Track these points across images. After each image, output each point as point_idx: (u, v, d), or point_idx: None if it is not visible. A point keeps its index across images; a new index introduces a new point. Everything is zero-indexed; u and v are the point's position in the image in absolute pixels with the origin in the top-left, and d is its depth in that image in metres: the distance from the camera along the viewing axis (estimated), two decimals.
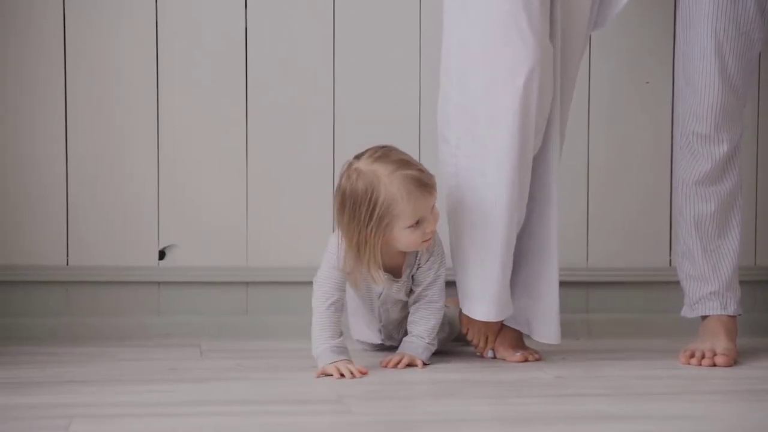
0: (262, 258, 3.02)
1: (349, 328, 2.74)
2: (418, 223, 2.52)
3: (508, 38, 2.57)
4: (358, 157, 2.54)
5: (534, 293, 2.73)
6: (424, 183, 2.52)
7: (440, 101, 2.69)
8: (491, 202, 2.61)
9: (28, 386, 2.36)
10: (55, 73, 2.95)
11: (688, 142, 2.75)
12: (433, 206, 2.55)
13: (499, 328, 2.75)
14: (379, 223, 2.50)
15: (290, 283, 2.98)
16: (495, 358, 2.75)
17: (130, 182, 2.98)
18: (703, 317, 2.80)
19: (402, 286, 2.64)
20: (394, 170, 2.51)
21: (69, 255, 2.97)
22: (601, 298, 3.14)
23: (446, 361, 2.70)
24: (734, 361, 2.69)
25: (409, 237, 2.53)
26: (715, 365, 2.66)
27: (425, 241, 2.56)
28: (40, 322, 2.95)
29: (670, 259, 3.14)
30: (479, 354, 2.77)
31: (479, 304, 2.67)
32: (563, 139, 2.78)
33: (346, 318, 2.70)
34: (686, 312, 2.83)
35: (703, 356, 2.68)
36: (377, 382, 2.45)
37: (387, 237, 2.52)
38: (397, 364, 2.60)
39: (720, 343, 2.71)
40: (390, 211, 2.49)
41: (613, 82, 3.12)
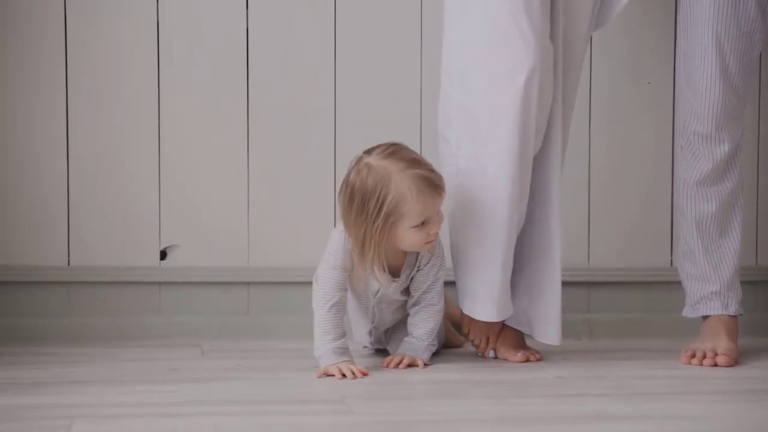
0: (263, 258, 3.02)
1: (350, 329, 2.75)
2: (423, 223, 2.51)
3: (508, 38, 2.57)
4: (369, 153, 2.53)
5: (535, 293, 2.72)
6: (435, 183, 2.51)
7: (441, 101, 2.69)
8: (492, 202, 2.61)
9: (29, 386, 2.37)
10: (56, 73, 2.95)
11: (689, 142, 2.75)
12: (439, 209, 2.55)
13: (501, 328, 2.75)
14: (385, 221, 2.48)
15: (291, 284, 2.98)
16: (496, 358, 2.75)
17: (131, 182, 2.98)
18: (705, 317, 2.80)
19: (399, 286, 2.63)
20: (405, 168, 2.49)
21: (70, 255, 2.97)
22: (602, 298, 3.14)
23: (447, 361, 2.70)
24: (735, 361, 2.68)
25: (413, 237, 2.53)
26: (716, 365, 2.66)
27: (428, 243, 2.55)
28: (41, 322, 2.95)
29: (671, 259, 3.13)
30: (480, 354, 2.77)
31: (480, 304, 2.67)
32: (566, 140, 2.78)
33: (348, 318, 2.70)
34: (687, 312, 2.83)
35: (704, 356, 2.68)
36: (378, 382, 2.45)
37: (391, 235, 2.52)
38: (398, 364, 2.60)
39: (721, 343, 2.71)
40: (398, 209, 2.48)
41: (614, 82, 3.11)
